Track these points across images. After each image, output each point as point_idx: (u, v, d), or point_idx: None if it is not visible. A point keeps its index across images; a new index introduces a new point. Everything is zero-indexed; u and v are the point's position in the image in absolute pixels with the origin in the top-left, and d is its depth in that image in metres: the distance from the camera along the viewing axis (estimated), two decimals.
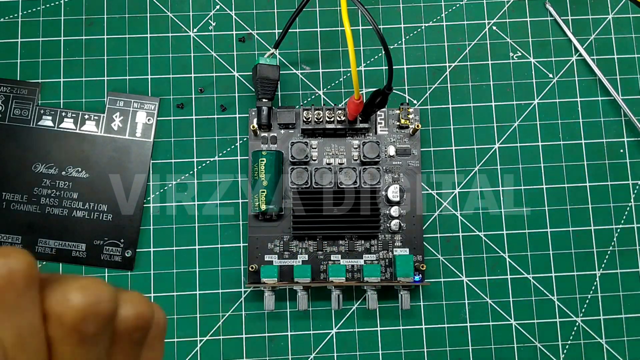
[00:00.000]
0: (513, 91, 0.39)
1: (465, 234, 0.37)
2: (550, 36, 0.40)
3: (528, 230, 0.38)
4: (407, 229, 0.37)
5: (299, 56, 0.39)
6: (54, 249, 0.37)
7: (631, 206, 0.38)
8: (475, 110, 0.39)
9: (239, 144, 0.38)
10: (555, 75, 0.39)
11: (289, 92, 0.39)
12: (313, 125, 0.36)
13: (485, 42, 0.39)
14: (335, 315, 0.37)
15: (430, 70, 0.39)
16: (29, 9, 0.39)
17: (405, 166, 0.37)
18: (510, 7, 0.40)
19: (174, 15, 0.39)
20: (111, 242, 0.37)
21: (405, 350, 0.36)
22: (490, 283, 0.37)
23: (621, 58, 0.39)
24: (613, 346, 0.37)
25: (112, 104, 0.38)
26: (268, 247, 0.36)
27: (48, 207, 0.37)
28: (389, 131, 0.38)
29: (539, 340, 0.37)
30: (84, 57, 0.39)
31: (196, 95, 0.39)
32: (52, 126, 0.38)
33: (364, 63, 0.39)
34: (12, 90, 0.38)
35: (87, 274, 0.37)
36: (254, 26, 0.39)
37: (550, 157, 0.38)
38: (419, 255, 0.37)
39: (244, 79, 0.39)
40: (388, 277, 0.36)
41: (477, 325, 0.37)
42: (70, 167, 0.37)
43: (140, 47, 0.39)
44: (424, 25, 0.40)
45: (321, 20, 0.40)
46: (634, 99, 0.39)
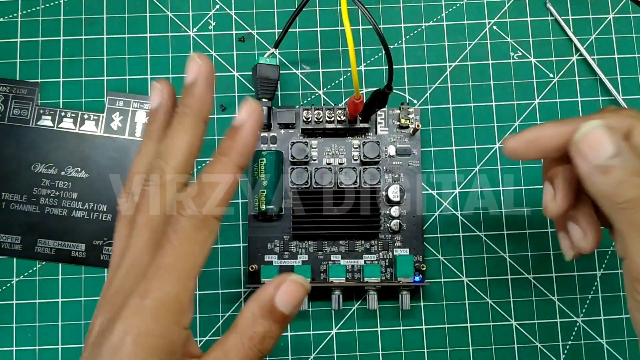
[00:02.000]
0: (513, 91, 0.39)
1: (466, 234, 0.37)
2: (551, 36, 0.40)
3: (528, 230, 0.38)
4: (407, 229, 0.37)
5: (299, 56, 0.39)
6: (54, 249, 0.37)
7: None
8: (476, 110, 0.39)
9: None
10: (556, 75, 0.39)
11: (289, 92, 0.39)
12: (313, 125, 0.36)
13: (486, 42, 0.39)
14: (335, 316, 0.37)
15: (431, 70, 0.39)
16: (28, 9, 0.39)
17: (406, 166, 0.37)
18: (510, 6, 0.40)
19: (174, 15, 0.39)
20: (111, 242, 0.37)
21: (405, 351, 0.36)
22: (491, 283, 0.37)
23: (622, 58, 0.39)
24: (613, 346, 0.36)
25: (111, 104, 0.38)
26: (268, 247, 0.36)
27: (47, 207, 0.37)
28: (389, 131, 0.37)
29: (539, 341, 0.37)
30: (83, 57, 0.39)
31: None
32: (51, 126, 0.38)
33: (364, 63, 0.39)
34: (12, 90, 0.38)
35: (87, 274, 0.37)
36: (254, 26, 0.39)
37: None
38: (419, 256, 0.37)
39: (244, 79, 0.39)
40: (388, 278, 0.36)
41: (478, 326, 0.37)
42: (69, 167, 0.37)
43: (139, 47, 0.39)
44: (424, 25, 0.40)
45: (321, 20, 0.39)
46: (635, 99, 0.39)
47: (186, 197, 0.23)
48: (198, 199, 0.23)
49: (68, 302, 0.36)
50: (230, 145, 0.24)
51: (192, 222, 0.23)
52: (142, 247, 0.23)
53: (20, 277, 0.37)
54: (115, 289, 0.23)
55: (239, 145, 0.24)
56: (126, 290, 0.22)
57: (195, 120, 0.25)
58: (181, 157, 0.24)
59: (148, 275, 0.22)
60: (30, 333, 0.36)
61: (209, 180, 0.23)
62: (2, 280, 0.37)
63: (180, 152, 0.24)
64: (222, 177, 0.24)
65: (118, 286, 0.23)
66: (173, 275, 0.22)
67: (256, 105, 0.24)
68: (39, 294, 0.36)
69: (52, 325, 0.36)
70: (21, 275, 0.37)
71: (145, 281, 0.22)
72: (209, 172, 0.24)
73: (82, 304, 0.36)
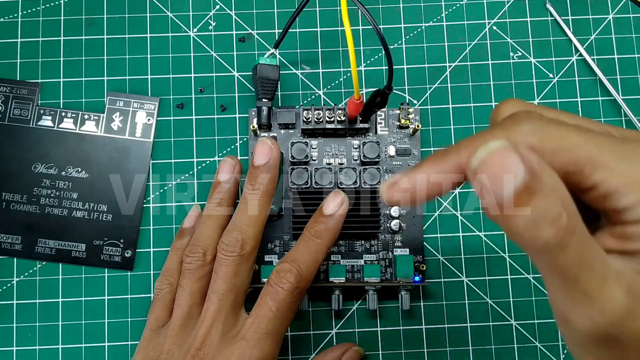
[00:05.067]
0: (513, 91, 0.39)
1: (465, 234, 0.37)
2: (551, 36, 0.40)
3: None
4: (407, 229, 0.37)
5: (299, 56, 0.39)
6: (54, 249, 0.37)
7: None
8: (476, 110, 0.39)
9: (239, 144, 0.38)
10: (556, 75, 0.39)
11: (289, 92, 0.39)
12: (313, 125, 0.36)
13: (486, 42, 0.39)
14: (335, 316, 0.37)
15: (430, 70, 0.39)
16: (28, 9, 0.39)
17: (406, 166, 0.37)
18: (510, 7, 0.40)
19: (174, 15, 0.39)
20: (111, 242, 0.37)
21: (405, 351, 0.36)
22: (490, 283, 0.37)
23: (621, 58, 0.39)
24: None
25: (112, 104, 0.38)
26: (268, 247, 0.36)
27: (48, 207, 0.37)
28: (389, 131, 0.37)
29: (539, 341, 0.37)
30: (83, 57, 0.39)
31: (196, 95, 0.38)
32: (51, 126, 0.38)
33: (364, 63, 0.39)
34: (12, 90, 0.38)
35: (87, 274, 0.37)
36: (254, 26, 0.39)
37: None
38: (419, 256, 0.37)
39: (244, 79, 0.39)
40: (388, 278, 0.36)
41: (477, 326, 0.37)
42: (70, 167, 0.37)
43: (140, 47, 0.39)
44: (424, 25, 0.40)
45: (321, 20, 0.40)
46: (635, 99, 0.39)
47: (282, 271, 0.29)
48: (297, 275, 0.29)
49: (68, 302, 0.36)
50: (323, 230, 0.30)
51: (288, 293, 0.28)
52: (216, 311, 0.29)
53: (20, 277, 0.37)
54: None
55: (332, 230, 0.30)
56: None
57: (269, 198, 0.31)
58: (258, 229, 0.30)
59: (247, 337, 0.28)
60: (31, 333, 0.36)
61: (305, 259, 0.30)
62: (3, 280, 0.37)
63: (258, 224, 0.30)
64: (315, 256, 0.30)
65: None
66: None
67: (345, 197, 0.31)
68: (39, 294, 0.36)
69: (52, 325, 0.36)
70: (21, 275, 0.37)
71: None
72: (302, 251, 0.30)
73: (82, 304, 0.36)
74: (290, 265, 0.29)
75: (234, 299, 0.29)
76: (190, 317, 0.30)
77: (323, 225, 0.30)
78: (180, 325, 0.30)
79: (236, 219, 0.31)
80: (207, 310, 0.29)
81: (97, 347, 0.36)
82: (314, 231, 0.30)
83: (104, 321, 0.36)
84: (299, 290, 0.29)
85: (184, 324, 0.30)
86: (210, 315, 0.29)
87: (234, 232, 0.30)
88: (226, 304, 0.29)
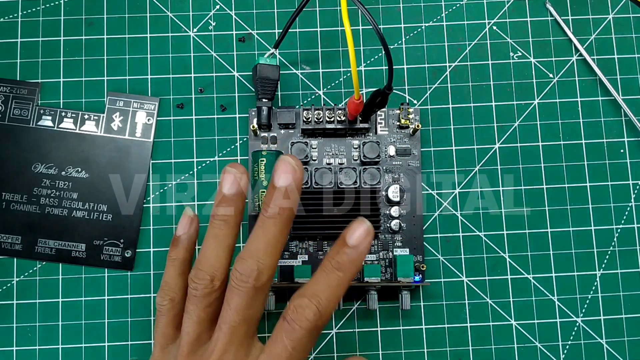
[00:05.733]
0: (513, 91, 0.39)
1: (466, 234, 0.37)
2: (551, 36, 0.40)
3: (528, 230, 0.38)
4: (407, 229, 0.37)
5: (299, 56, 0.39)
6: (54, 249, 0.37)
7: (631, 206, 0.38)
8: (476, 110, 0.39)
9: (239, 144, 0.38)
10: (556, 75, 0.39)
11: (289, 92, 0.39)
12: (313, 125, 0.36)
13: (486, 42, 0.39)
14: (335, 315, 0.37)
15: (430, 70, 0.39)
16: (28, 9, 0.39)
17: (406, 166, 0.37)
18: (510, 7, 0.40)
19: (174, 15, 0.39)
20: (111, 242, 0.37)
21: (405, 351, 0.36)
22: (490, 283, 0.37)
23: (621, 58, 0.39)
24: (613, 346, 0.37)
25: (112, 104, 0.38)
26: None
27: (48, 207, 0.37)
28: (389, 131, 0.37)
29: (539, 341, 0.37)
30: (83, 57, 0.39)
31: (196, 95, 0.38)
32: (51, 126, 0.38)
33: (364, 63, 0.39)
34: (12, 90, 0.38)
35: (87, 274, 0.37)
36: (254, 26, 0.39)
37: (550, 157, 0.38)
38: (419, 256, 0.37)
39: (244, 79, 0.39)
40: (388, 277, 0.36)
41: (477, 326, 0.37)
42: (70, 167, 0.37)
43: (140, 47, 0.39)
44: (424, 25, 0.40)
45: (321, 20, 0.40)
46: (635, 99, 0.39)
47: (301, 307, 0.26)
48: (316, 312, 0.26)
49: (68, 302, 0.36)
50: (346, 262, 0.26)
51: (307, 332, 0.25)
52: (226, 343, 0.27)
53: (20, 277, 0.37)
54: None
55: (356, 263, 0.27)
56: None
57: (289, 225, 0.27)
58: (275, 259, 0.27)
59: None
60: (31, 333, 0.36)
61: (325, 295, 0.26)
62: (3, 280, 0.37)
63: (276, 254, 0.27)
64: (337, 291, 0.27)
65: None
66: None
67: (371, 227, 0.27)
68: (39, 294, 0.36)
69: (52, 325, 0.36)
70: (21, 275, 0.37)
71: None
72: (322, 284, 0.27)
73: (82, 304, 0.36)
74: (309, 300, 0.26)
75: (246, 331, 0.27)
76: (198, 345, 0.28)
77: (346, 257, 0.26)
78: (189, 352, 0.28)
79: (252, 245, 0.27)
80: (217, 340, 0.27)
81: (97, 347, 0.36)
82: (335, 262, 0.27)
83: (104, 321, 0.36)
84: (317, 329, 0.26)
85: (192, 350, 0.28)
86: (221, 346, 0.27)
87: (249, 260, 0.27)
88: (238, 336, 0.27)
